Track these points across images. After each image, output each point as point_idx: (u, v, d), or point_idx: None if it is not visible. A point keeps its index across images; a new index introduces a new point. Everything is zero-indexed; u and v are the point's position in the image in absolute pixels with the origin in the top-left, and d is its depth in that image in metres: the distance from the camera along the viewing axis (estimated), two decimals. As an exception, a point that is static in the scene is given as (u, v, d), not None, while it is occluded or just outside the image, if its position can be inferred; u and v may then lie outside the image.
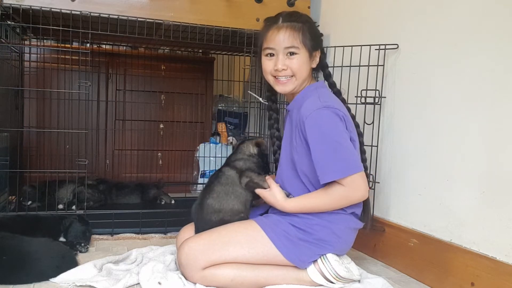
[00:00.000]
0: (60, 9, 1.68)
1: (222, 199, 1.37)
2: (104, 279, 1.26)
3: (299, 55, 1.31)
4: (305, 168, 1.31)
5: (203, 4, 1.88)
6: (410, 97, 1.55)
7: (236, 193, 1.38)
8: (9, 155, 1.85)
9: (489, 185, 1.23)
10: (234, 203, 1.37)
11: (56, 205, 1.99)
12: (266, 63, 1.35)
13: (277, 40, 1.30)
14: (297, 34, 1.30)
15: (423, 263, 1.44)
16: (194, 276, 1.25)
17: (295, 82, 1.34)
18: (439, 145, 1.41)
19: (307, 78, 1.36)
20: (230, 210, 1.36)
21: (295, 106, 1.36)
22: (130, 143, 2.77)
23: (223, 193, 1.37)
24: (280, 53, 1.31)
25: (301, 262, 1.27)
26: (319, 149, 1.23)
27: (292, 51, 1.30)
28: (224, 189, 1.38)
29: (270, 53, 1.34)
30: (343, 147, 1.23)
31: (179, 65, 2.76)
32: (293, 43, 1.30)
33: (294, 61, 1.31)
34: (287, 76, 1.33)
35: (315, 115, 1.24)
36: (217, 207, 1.36)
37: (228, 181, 1.39)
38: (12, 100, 2.07)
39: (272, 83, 1.37)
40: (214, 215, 1.36)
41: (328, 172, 1.22)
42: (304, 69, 1.33)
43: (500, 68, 1.21)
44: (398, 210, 1.60)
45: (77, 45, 2.21)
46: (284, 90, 1.35)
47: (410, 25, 1.55)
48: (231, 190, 1.38)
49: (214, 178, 1.42)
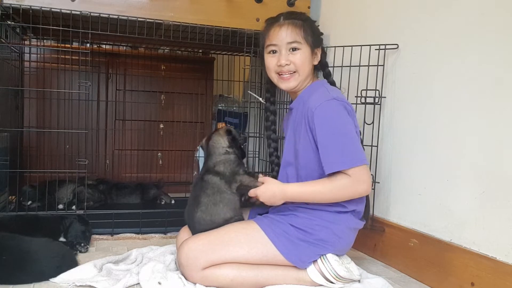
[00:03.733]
0: (60, 9, 1.68)
1: (212, 210, 1.34)
2: (104, 279, 1.26)
3: (301, 50, 1.32)
4: (307, 161, 1.31)
5: (203, 4, 1.88)
6: (410, 97, 1.55)
7: (225, 200, 1.35)
8: (9, 155, 1.85)
9: (489, 185, 1.23)
10: (225, 211, 1.34)
11: (56, 205, 1.99)
12: (270, 60, 1.36)
13: (280, 36, 1.32)
14: (299, 30, 1.32)
15: (423, 263, 1.44)
16: (194, 276, 1.25)
17: (298, 78, 1.34)
18: (439, 145, 1.41)
19: (309, 75, 1.37)
20: (222, 220, 1.34)
21: (300, 102, 1.36)
22: (130, 143, 2.77)
23: (211, 204, 1.34)
24: (283, 49, 1.33)
25: (301, 262, 1.27)
26: (327, 139, 1.23)
27: (295, 46, 1.32)
28: (212, 200, 1.34)
29: (273, 50, 1.35)
30: (350, 139, 1.23)
31: (179, 65, 2.76)
32: (295, 38, 1.31)
33: (297, 56, 1.32)
34: (290, 72, 1.33)
35: (325, 105, 1.25)
36: (208, 219, 1.34)
37: (214, 190, 1.35)
38: (12, 100, 2.07)
39: (275, 81, 1.38)
40: (208, 226, 1.34)
41: (335, 162, 1.21)
42: (306, 64, 1.33)
43: (500, 68, 1.21)
44: (398, 210, 1.60)
45: (77, 45, 2.21)
46: (287, 86, 1.36)
47: (410, 25, 1.55)
48: (218, 199, 1.34)
49: (198, 188, 1.37)
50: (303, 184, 1.30)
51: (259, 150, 2.37)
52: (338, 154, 1.22)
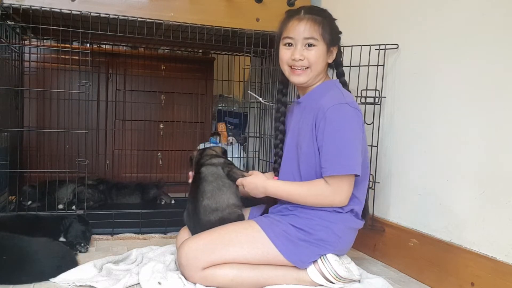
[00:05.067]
0: (60, 9, 1.69)
1: (217, 196, 1.38)
2: (104, 279, 1.26)
3: (317, 47, 1.31)
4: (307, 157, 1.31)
5: (203, 4, 1.88)
6: (410, 97, 1.55)
7: (226, 184, 1.41)
8: (9, 155, 1.85)
9: (489, 185, 1.23)
10: (229, 196, 1.40)
11: (56, 205, 1.99)
12: (284, 52, 1.36)
13: (297, 30, 1.31)
14: (318, 27, 1.31)
15: (423, 263, 1.44)
16: (194, 276, 1.25)
17: (309, 74, 1.34)
18: (439, 145, 1.41)
19: (321, 73, 1.36)
20: (227, 206, 1.38)
21: (310, 99, 1.37)
22: (130, 143, 2.77)
23: (216, 190, 1.39)
24: (298, 43, 1.32)
25: (301, 262, 1.27)
26: (329, 142, 1.24)
27: (311, 42, 1.31)
28: (215, 186, 1.40)
29: (288, 43, 1.34)
30: (351, 146, 1.24)
31: (179, 65, 2.76)
32: (313, 34, 1.30)
33: (312, 53, 1.31)
34: (302, 67, 1.33)
35: (338, 108, 1.25)
36: (214, 205, 1.37)
37: (214, 176, 1.41)
38: (12, 100, 2.07)
39: (287, 73, 1.38)
40: (213, 215, 1.36)
41: (328, 167, 1.24)
42: (320, 62, 1.33)
43: (500, 68, 1.21)
44: (398, 210, 1.60)
45: (77, 45, 2.21)
46: (298, 80, 1.36)
47: (410, 25, 1.56)
48: (221, 184, 1.40)
49: (198, 182, 1.42)
50: (285, 184, 1.34)
51: (259, 150, 2.37)
52: (333, 160, 1.24)
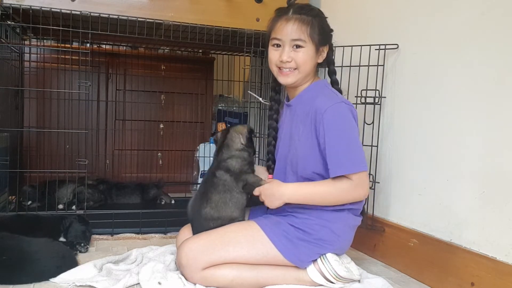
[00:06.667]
0: (60, 9, 1.68)
1: (221, 208, 1.35)
2: (104, 279, 1.26)
3: (305, 48, 1.30)
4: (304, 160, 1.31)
5: (203, 4, 1.88)
6: (410, 97, 1.55)
7: (234, 199, 1.36)
8: (9, 155, 1.85)
9: (489, 185, 1.23)
10: (233, 211, 1.36)
11: (56, 205, 1.99)
12: (272, 53, 1.35)
13: (285, 32, 1.30)
14: (305, 28, 1.29)
15: (423, 263, 1.44)
16: (194, 276, 1.25)
17: (297, 75, 1.33)
18: (439, 145, 1.41)
19: (310, 73, 1.36)
20: (228, 218, 1.35)
21: (302, 102, 1.36)
22: (130, 143, 2.77)
23: (221, 203, 1.35)
24: (286, 44, 1.31)
25: (300, 262, 1.27)
26: (335, 143, 1.24)
27: (299, 44, 1.30)
28: (222, 198, 1.35)
29: (276, 44, 1.34)
30: (356, 144, 1.25)
31: (179, 65, 2.76)
32: (300, 36, 1.29)
33: (299, 54, 1.31)
34: (290, 68, 1.33)
35: (335, 108, 1.25)
36: (216, 215, 1.35)
37: (225, 188, 1.36)
38: (12, 100, 2.07)
39: (275, 73, 1.38)
40: (212, 222, 1.35)
41: (341, 166, 1.23)
42: (308, 63, 1.32)
43: (501, 68, 1.21)
44: (398, 210, 1.60)
45: (77, 45, 2.21)
46: (286, 81, 1.35)
47: (410, 25, 1.55)
48: (229, 197, 1.36)
49: (209, 184, 1.38)
50: (303, 185, 1.30)
51: (259, 150, 2.37)
52: (344, 159, 1.23)
